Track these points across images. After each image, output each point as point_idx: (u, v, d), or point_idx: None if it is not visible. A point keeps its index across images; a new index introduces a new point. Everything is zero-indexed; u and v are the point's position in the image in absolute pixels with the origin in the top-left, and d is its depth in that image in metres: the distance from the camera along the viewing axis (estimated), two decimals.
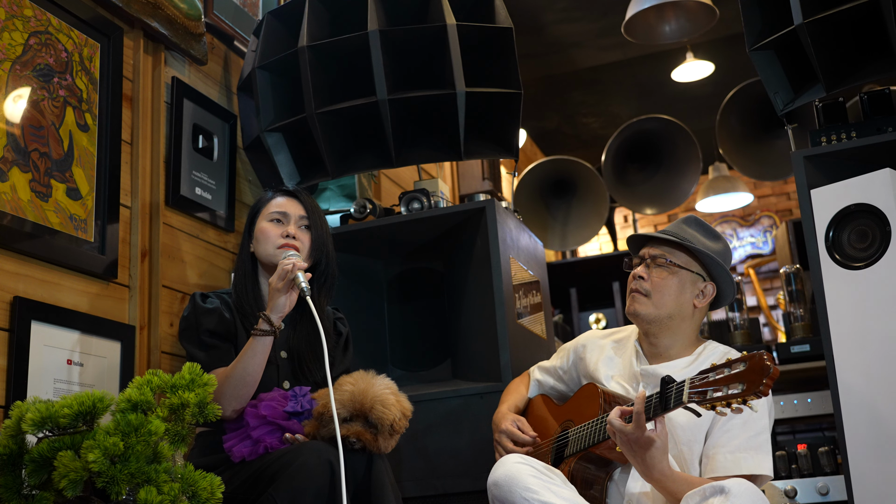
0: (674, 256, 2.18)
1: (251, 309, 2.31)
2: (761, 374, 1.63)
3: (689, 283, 2.19)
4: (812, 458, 3.23)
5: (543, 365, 2.48)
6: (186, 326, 2.30)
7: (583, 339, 2.41)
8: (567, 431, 2.15)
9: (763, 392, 1.64)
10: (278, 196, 2.42)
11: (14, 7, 2.25)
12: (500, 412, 2.38)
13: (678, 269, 2.18)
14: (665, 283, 2.17)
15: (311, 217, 2.40)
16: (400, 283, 3.08)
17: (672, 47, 5.58)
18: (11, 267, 2.14)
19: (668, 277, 2.17)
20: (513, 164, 4.79)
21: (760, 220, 7.55)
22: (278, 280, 2.17)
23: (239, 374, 2.15)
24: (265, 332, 2.16)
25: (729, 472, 1.93)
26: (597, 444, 2.00)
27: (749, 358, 1.68)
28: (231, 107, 3.09)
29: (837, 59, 2.50)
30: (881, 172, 2.41)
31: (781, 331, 4.91)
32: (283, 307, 2.18)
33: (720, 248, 2.23)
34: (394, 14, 2.78)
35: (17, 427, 1.73)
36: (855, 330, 2.39)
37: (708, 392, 1.68)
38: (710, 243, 2.22)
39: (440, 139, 2.82)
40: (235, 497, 2.03)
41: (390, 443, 2.13)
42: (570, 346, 2.42)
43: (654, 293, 2.17)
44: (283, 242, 2.32)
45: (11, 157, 2.17)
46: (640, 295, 2.18)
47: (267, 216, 2.38)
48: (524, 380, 2.50)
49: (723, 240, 2.26)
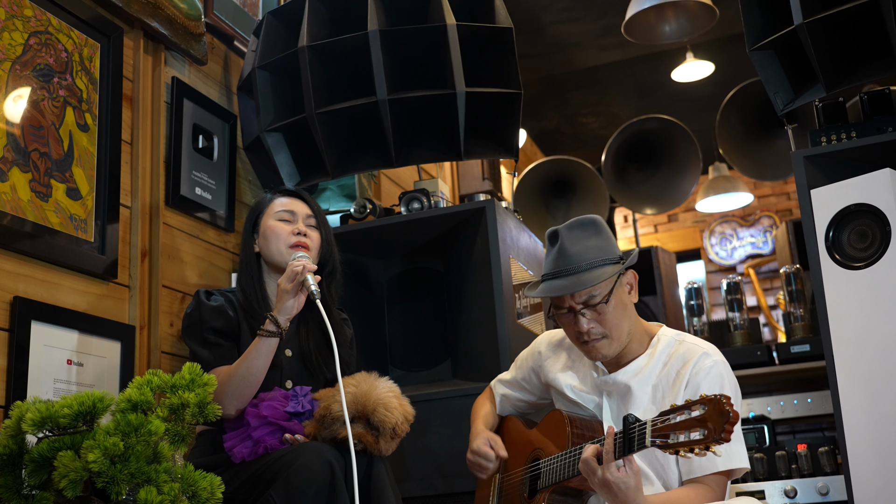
0: (600, 288, 2.00)
1: (260, 309, 2.29)
2: (721, 420, 1.58)
3: (622, 292, 2.05)
4: (812, 458, 3.23)
5: (504, 378, 2.40)
6: (190, 323, 2.29)
7: (538, 346, 2.31)
8: (538, 462, 2.11)
9: (725, 439, 1.58)
10: (282, 196, 2.41)
11: (14, 7, 2.25)
12: (475, 430, 2.31)
13: (610, 293, 2.01)
14: (613, 315, 2.02)
15: (317, 217, 2.40)
16: (400, 283, 3.08)
17: (672, 47, 5.58)
18: (11, 267, 2.14)
19: (611, 308, 2.01)
20: (513, 164, 4.79)
21: (760, 220, 7.55)
22: (287, 282, 2.15)
23: (242, 374, 2.15)
24: (271, 333, 2.15)
25: (706, 470, 1.91)
26: (569, 479, 1.97)
27: (708, 402, 1.62)
28: (231, 107, 3.09)
29: (837, 59, 2.50)
30: (881, 172, 2.41)
31: (781, 331, 4.92)
32: (291, 309, 2.17)
33: (602, 230, 2.06)
34: (394, 14, 2.78)
35: (17, 427, 1.73)
36: (855, 330, 2.39)
37: (671, 436, 1.64)
38: (595, 238, 2.04)
39: (440, 139, 2.82)
40: (235, 497, 2.02)
41: (391, 445, 2.13)
42: (526, 356, 2.34)
43: (610, 330, 2.02)
44: (296, 241, 2.31)
45: (11, 157, 2.17)
46: (597, 341, 2.03)
47: (274, 215, 2.36)
48: (489, 396, 2.43)
49: (591, 220, 2.07)
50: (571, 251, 2.02)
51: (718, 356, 2.03)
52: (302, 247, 2.30)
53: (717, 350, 2.05)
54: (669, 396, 1.99)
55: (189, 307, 2.31)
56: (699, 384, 1.96)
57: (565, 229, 2.06)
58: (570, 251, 2.02)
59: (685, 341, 2.08)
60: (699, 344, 2.06)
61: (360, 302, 3.01)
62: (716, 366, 1.99)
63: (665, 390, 2.01)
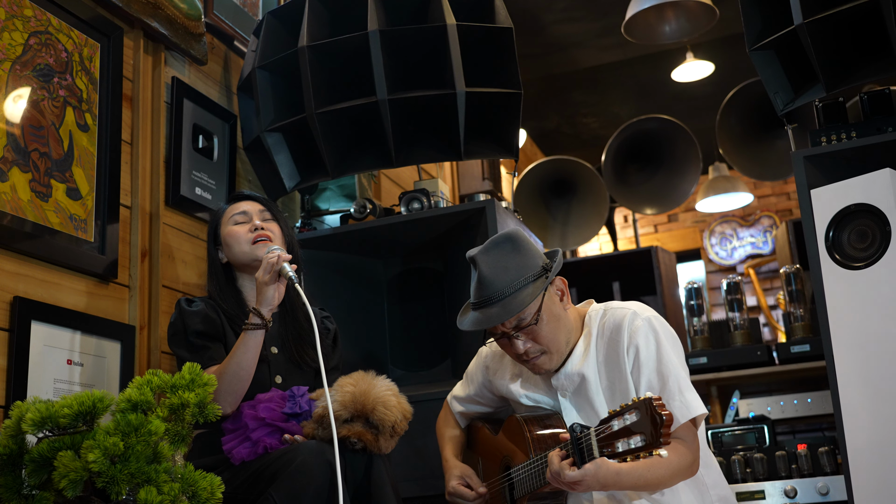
0: (528, 310, 1.95)
1: (235, 313, 2.31)
2: (654, 425, 1.58)
3: (552, 303, 2.00)
4: (812, 458, 3.23)
5: (458, 396, 2.36)
6: (174, 332, 2.29)
7: (485, 360, 2.27)
8: (510, 472, 2.11)
9: (665, 442, 1.58)
10: (233, 202, 2.44)
11: (14, 7, 2.25)
12: (446, 463, 2.28)
13: (539, 311, 1.96)
14: (547, 331, 1.98)
15: (271, 210, 2.42)
16: (400, 283, 3.08)
17: (672, 47, 5.58)
18: (11, 267, 2.14)
19: (543, 324, 1.97)
20: (513, 164, 4.79)
21: (760, 220, 7.54)
22: (264, 273, 2.17)
23: (233, 370, 2.15)
24: (256, 325, 2.16)
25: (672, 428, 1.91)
26: (541, 487, 1.96)
27: (638, 406, 1.61)
28: (231, 107, 3.09)
29: (837, 59, 2.50)
30: (881, 172, 2.41)
31: (781, 331, 4.92)
32: (272, 299, 2.18)
33: (519, 245, 1.99)
34: (394, 14, 2.78)
35: (17, 427, 1.73)
36: (855, 330, 2.39)
37: (616, 445, 1.65)
38: (513, 257, 1.97)
39: (440, 139, 2.82)
40: (235, 497, 2.03)
41: (391, 444, 2.13)
42: (474, 371, 2.30)
43: (548, 345, 1.99)
44: (255, 236, 2.33)
45: (11, 157, 2.17)
46: (537, 357, 2.00)
47: (229, 221, 2.39)
48: (449, 415, 2.40)
49: (506, 237, 2.00)
50: (490, 277, 1.94)
51: (648, 312, 2.01)
52: (264, 239, 2.32)
53: (644, 307, 2.04)
54: (616, 368, 1.99)
55: (172, 317, 2.32)
56: (637, 346, 1.95)
57: (481, 254, 1.98)
58: (488, 278, 1.95)
59: (611, 308, 2.06)
60: (625, 306, 2.04)
61: (360, 302, 3.01)
62: (646, 322, 1.98)
63: (612, 362, 2.00)
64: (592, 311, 2.10)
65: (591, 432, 1.70)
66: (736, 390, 3.93)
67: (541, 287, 1.95)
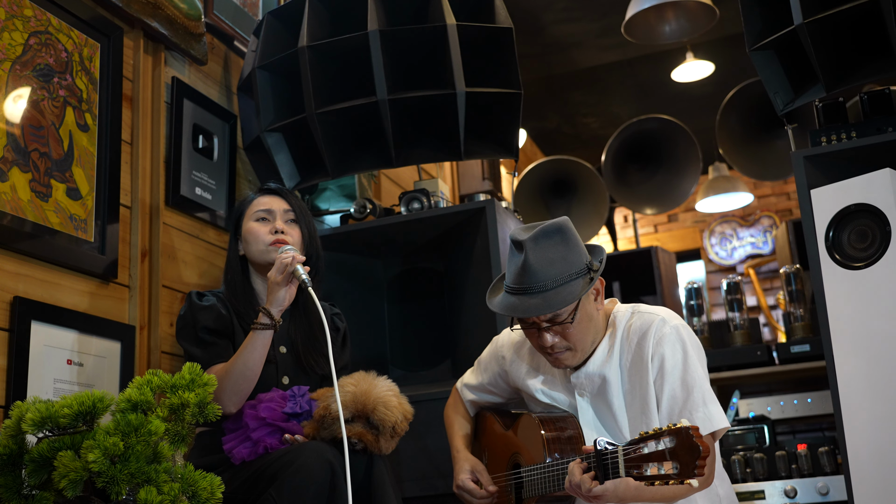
0: (567, 307, 1.92)
1: (245, 309, 2.31)
2: (692, 455, 1.54)
3: (588, 303, 1.97)
4: (812, 458, 3.23)
5: (470, 383, 2.34)
6: (184, 325, 2.30)
7: (501, 349, 2.25)
8: (519, 470, 2.10)
9: (699, 473, 1.53)
10: (260, 195, 2.43)
11: (14, 7, 2.25)
12: (456, 453, 2.27)
13: (575, 310, 1.93)
14: (579, 329, 1.95)
15: (296, 211, 2.41)
16: (400, 283, 3.08)
17: (672, 47, 5.58)
18: (11, 267, 2.14)
19: (577, 323, 1.94)
20: (513, 164, 4.79)
21: (760, 220, 7.55)
22: (277, 273, 2.17)
23: (239, 369, 2.15)
24: (265, 325, 2.16)
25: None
26: (554, 491, 1.95)
27: (676, 433, 1.57)
28: (231, 107, 3.09)
29: (837, 59, 2.50)
30: (881, 172, 2.41)
31: (781, 331, 4.91)
32: (283, 300, 2.18)
33: (569, 238, 1.94)
34: (394, 14, 2.78)
35: (17, 427, 1.73)
36: (855, 330, 2.39)
37: (644, 468, 1.61)
38: (561, 248, 1.92)
39: (440, 139, 2.82)
40: (235, 497, 2.03)
41: (391, 444, 2.13)
42: (489, 359, 2.28)
43: (575, 343, 1.97)
44: (273, 239, 2.33)
45: (11, 157, 2.17)
46: (561, 353, 1.98)
47: (252, 216, 2.39)
48: (459, 402, 2.38)
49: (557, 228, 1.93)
50: (536, 267, 1.89)
51: (676, 320, 1.99)
52: (281, 244, 2.31)
53: (673, 314, 2.01)
54: (639, 374, 1.97)
55: (182, 310, 2.33)
56: (664, 354, 1.93)
57: (531, 241, 1.91)
58: (534, 266, 1.89)
59: (639, 311, 2.04)
60: (654, 311, 2.02)
61: (360, 302, 3.02)
62: (674, 331, 1.96)
63: (635, 367, 1.98)
64: (618, 311, 2.07)
65: (619, 451, 1.66)
66: (736, 390, 3.93)
67: (584, 287, 1.91)
